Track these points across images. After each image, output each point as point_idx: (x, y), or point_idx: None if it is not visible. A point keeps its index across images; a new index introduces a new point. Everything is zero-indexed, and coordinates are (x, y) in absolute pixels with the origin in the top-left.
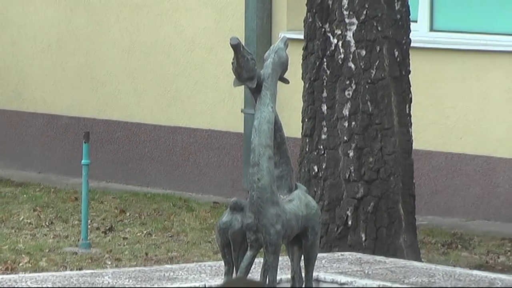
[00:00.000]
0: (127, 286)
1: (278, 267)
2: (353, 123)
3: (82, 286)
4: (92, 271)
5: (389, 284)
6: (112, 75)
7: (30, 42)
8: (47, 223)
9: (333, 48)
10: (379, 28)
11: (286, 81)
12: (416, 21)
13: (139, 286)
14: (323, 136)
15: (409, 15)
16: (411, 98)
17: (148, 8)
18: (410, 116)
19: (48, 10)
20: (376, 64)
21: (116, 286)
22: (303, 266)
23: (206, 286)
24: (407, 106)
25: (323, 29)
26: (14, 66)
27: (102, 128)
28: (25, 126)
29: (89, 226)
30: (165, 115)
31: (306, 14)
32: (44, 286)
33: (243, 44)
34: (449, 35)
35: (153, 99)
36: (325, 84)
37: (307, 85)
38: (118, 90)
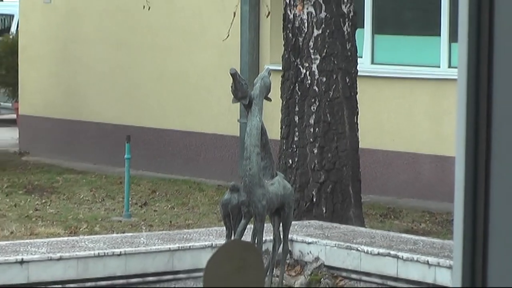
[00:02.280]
0: (158, 245)
1: (264, 231)
2: (317, 129)
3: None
4: (132, 234)
5: (342, 243)
6: (146, 95)
7: (87, 71)
8: (99, 200)
9: (302, 76)
10: (335, 62)
11: (269, 100)
12: (361, 57)
13: (165, 245)
14: (295, 138)
15: (357, 52)
16: (358, 112)
17: (172, 48)
18: (357, 124)
19: (99, 47)
20: (333, 87)
21: (149, 245)
22: (281, 231)
23: (213, 245)
24: (355, 117)
25: (296, 63)
26: (76, 89)
27: (138, 132)
28: (84, 131)
29: (130, 202)
30: (183, 123)
31: (284, 52)
32: (97, 245)
33: (239, 73)
34: (385, 67)
35: (175, 112)
36: (297, 101)
37: (284, 102)
38: (150, 106)
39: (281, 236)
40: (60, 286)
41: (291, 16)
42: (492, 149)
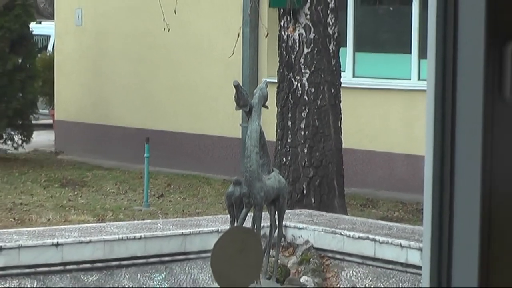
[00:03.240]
0: (172, 230)
1: (262, 218)
2: (306, 132)
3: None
4: (150, 220)
5: (328, 229)
6: (162, 103)
7: (113, 83)
8: (123, 192)
9: (294, 87)
10: (322, 75)
11: (266, 107)
12: (344, 71)
13: (178, 230)
14: (289, 140)
15: (340, 67)
16: (341, 117)
17: (184, 64)
18: (341, 128)
19: (123, 63)
20: (320, 97)
21: (164, 230)
22: (277, 218)
23: (219, 230)
24: (339, 122)
25: (289, 76)
26: (103, 98)
27: (156, 135)
28: (110, 134)
29: (148, 194)
30: (193, 127)
31: (278, 67)
32: (121, 230)
33: (241, 85)
34: (364, 79)
35: (186, 117)
36: (289, 109)
37: (278, 109)
38: (166, 112)
39: (277, 223)
40: (89, 265)
41: (285, 37)
42: (456, 149)
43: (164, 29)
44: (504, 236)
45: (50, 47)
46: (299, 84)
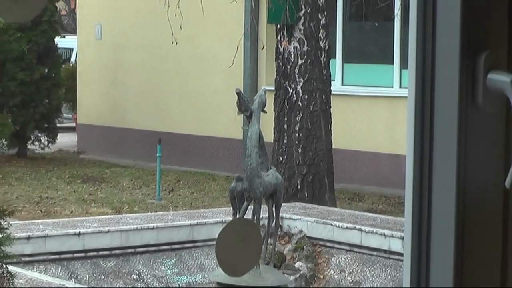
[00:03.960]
0: (182, 221)
1: (261, 211)
2: (300, 134)
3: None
4: (162, 212)
5: (320, 220)
6: (173, 109)
7: (129, 90)
8: (138, 187)
9: (290, 94)
10: (314, 84)
11: (265, 112)
12: (334, 80)
13: (187, 221)
14: (285, 141)
15: (330, 76)
16: (331, 121)
17: (191, 73)
18: (331, 130)
19: (138, 73)
20: (313, 103)
21: (175, 221)
22: (274, 210)
23: (223, 221)
24: (329, 125)
25: (285, 84)
26: (120, 104)
27: (167, 137)
28: (126, 135)
29: (160, 189)
30: (200, 130)
31: (276, 76)
32: (136, 221)
33: (242, 92)
34: (352, 87)
35: (194, 121)
36: (285, 113)
37: (276, 114)
38: (176, 117)
39: (274, 214)
40: (107, 252)
41: (281, 49)
42: (434, 150)
43: (172, 42)
44: (476, 226)
45: (73, 59)
46: (294, 92)
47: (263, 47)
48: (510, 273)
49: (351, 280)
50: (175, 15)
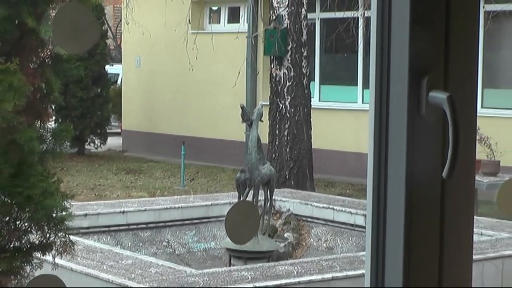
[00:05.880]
0: (200, 202)
1: (259, 195)
2: (288, 137)
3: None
4: (185, 196)
5: (303, 201)
6: (193, 119)
7: (161, 105)
8: (167, 177)
9: (280, 108)
10: (298, 100)
11: (262, 121)
12: (313, 97)
13: (204, 202)
14: (276, 143)
15: (311, 95)
16: (311, 128)
17: (206, 92)
18: (311, 135)
19: (166, 92)
20: (297, 115)
21: (195, 202)
22: (268, 194)
23: (230, 202)
24: (310, 131)
25: (277, 100)
26: (154, 116)
27: (190, 139)
28: (159, 138)
29: (184, 178)
30: (214, 134)
31: (270, 94)
32: (166, 202)
33: (245, 106)
34: (327, 103)
35: (209, 127)
36: (277, 122)
37: (269, 123)
38: (195, 124)
39: (268, 197)
40: (144, 225)
41: (274, 74)
42: (389, 149)
43: (190, 70)
44: (420, 212)
45: (119, 82)
46: (283, 106)
47: (258, 72)
48: (447, 261)
49: (326, 246)
50: (192, 49)
